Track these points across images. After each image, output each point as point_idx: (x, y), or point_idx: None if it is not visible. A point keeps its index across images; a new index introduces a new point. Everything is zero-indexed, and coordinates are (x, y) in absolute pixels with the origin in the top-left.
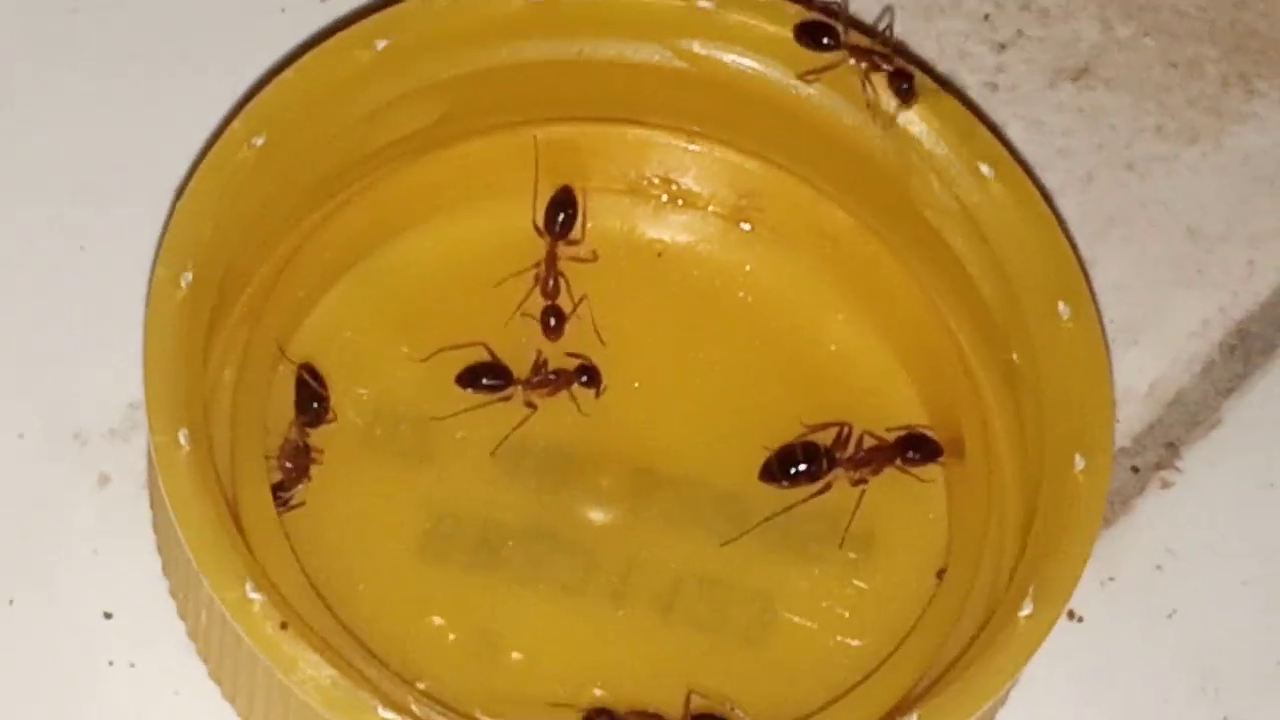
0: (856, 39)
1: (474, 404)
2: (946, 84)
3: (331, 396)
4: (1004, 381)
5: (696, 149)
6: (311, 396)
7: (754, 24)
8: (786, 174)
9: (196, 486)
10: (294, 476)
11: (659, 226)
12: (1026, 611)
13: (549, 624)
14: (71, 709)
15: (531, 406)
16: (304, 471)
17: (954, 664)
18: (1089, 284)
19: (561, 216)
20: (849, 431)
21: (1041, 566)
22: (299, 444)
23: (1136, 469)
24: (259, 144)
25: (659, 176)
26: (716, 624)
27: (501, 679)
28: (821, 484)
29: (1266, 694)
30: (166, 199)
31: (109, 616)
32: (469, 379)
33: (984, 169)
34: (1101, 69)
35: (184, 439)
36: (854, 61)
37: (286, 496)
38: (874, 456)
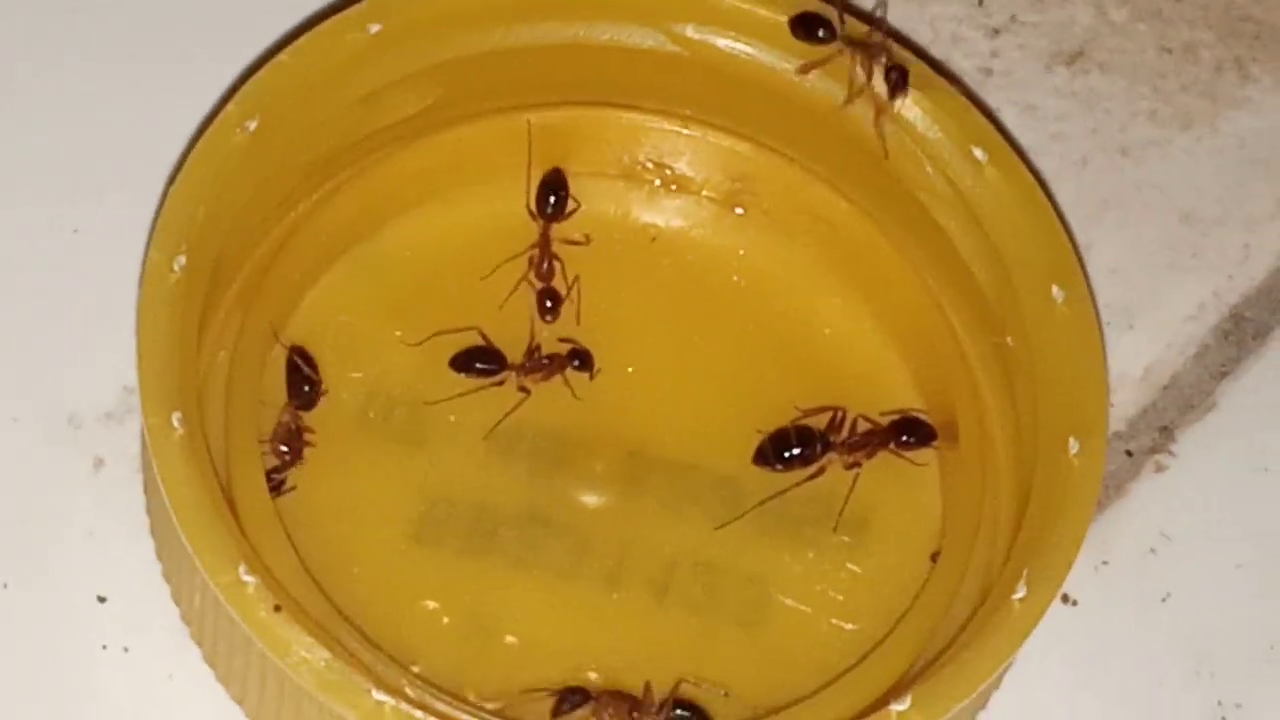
0: (853, 31)
1: (468, 388)
2: (941, 69)
3: (325, 380)
4: (998, 365)
5: (690, 133)
6: (303, 380)
7: (748, 9)
8: (780, 158)
9: (190, 470)
10: (287, 460)
11: (653, 211)
12: (1020, 595)
13: (543, 608)
14: (66, 693)
15: (525, 391)
16: (297, 455)
17: (948, 647)
18: (1084, 268)
19: (553, 198)
20: (843, 415)
21: (1035, 550)
22: (291, 427)
23: (1131, 453)
24: (252, 128)
25: (653, 161)
26: (711, 608)
27: (495, 663)
28: (815, 468)
29: (1260, 677)
30: (160, 183)
31: (103, 600)
32: (463, 363)
33: (978, 153)
34: (1096, 53)
35: (177, 422)
36: (850, 54)
37: (279, 480)
38: (868, 440)
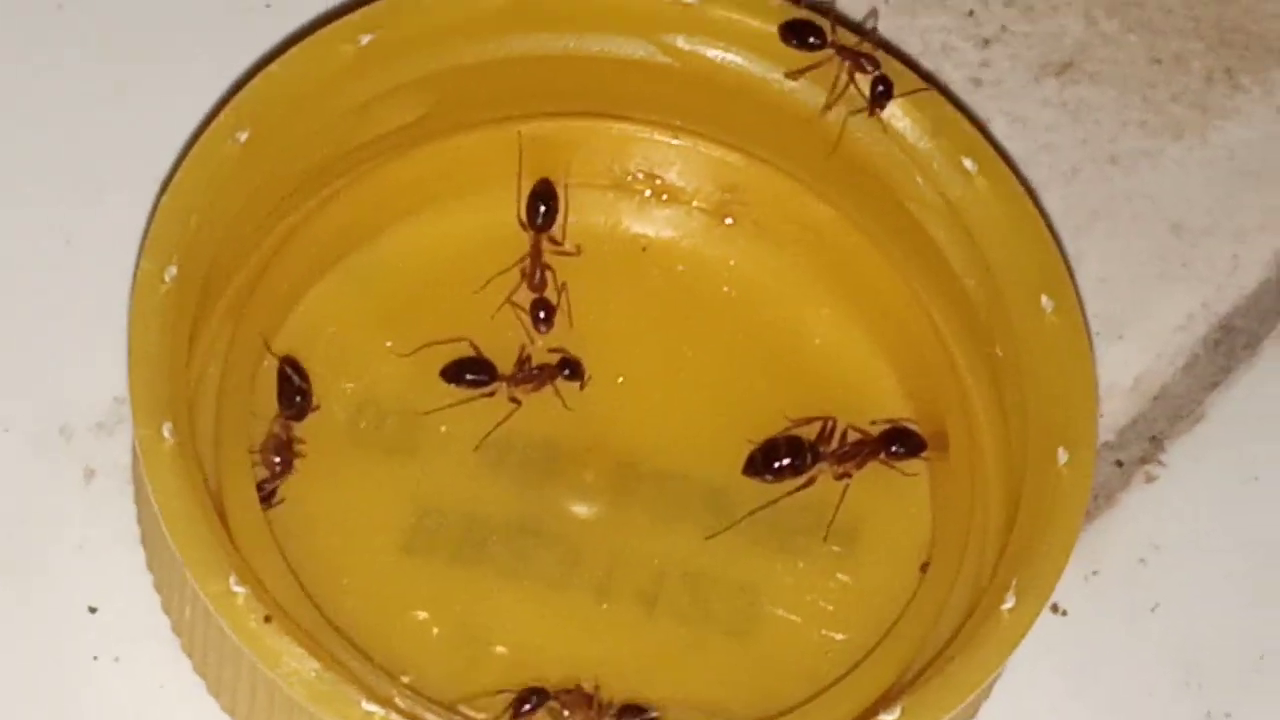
0: (843, 39)
1: (458, 399)
2: (931, 79)
3: (316, 391)
4: (987, 375)
5: (680, 144)
6: (294, 390)
7: (738, 19)
8: (770, 168)
9: (180, 480)
10: (277, 471)
11: (643, 221)
12: (1009, 605)
13: (533, 618)
14: (56, 703)
15: (516, 402)
16: (287, 466)
17: (937, 657)
18: (1073, 279)
19: (543, 208)
20: (833, 425)
21: (1025, 560)
22: (282, 438)
23: (1121, 463)
24: (244, 138)
25: (643, 171)
26: (701, 618)
27: (485, 673)
28: (805, 478)
29: (1250, 688)
30: (152, 193)
31: (94, 611)
32: (453, 374)
33: (968, 164)
34: (1086, 64)
35: (168, 432)
36: (840, 61)
37: (270, 490)
38: (858, 450)
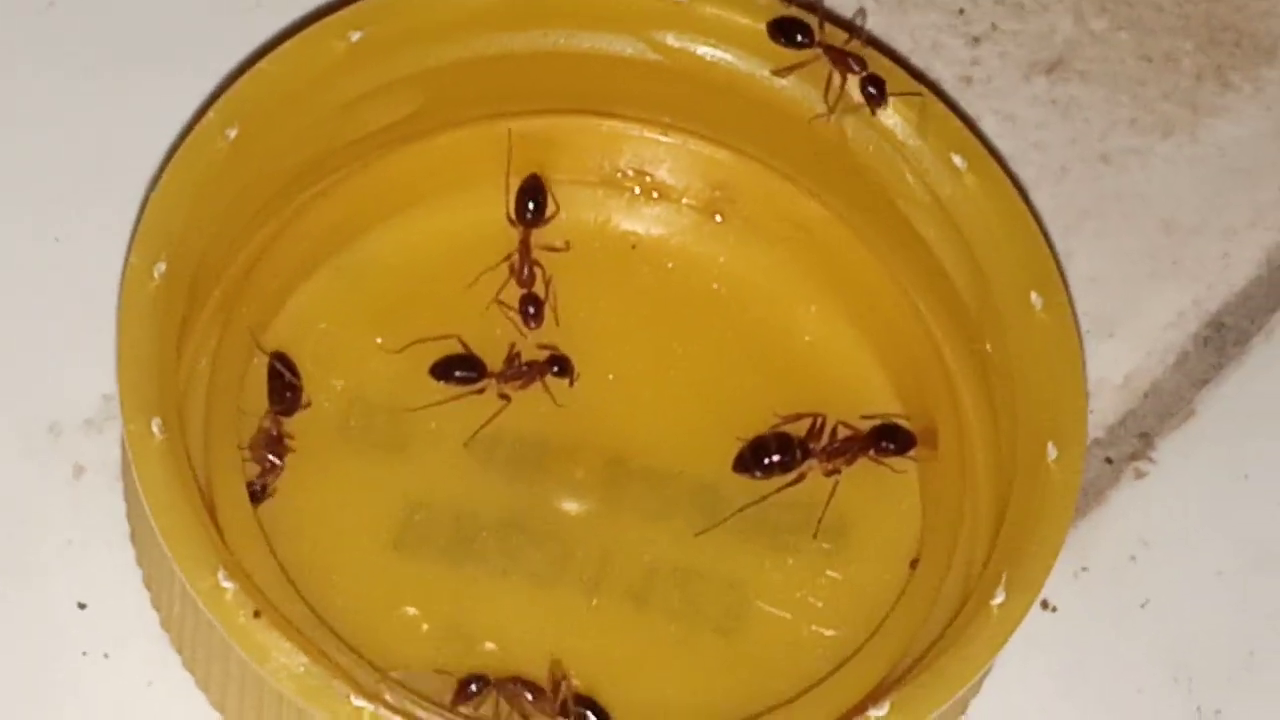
0: (831, 37)
1: (448, 396)
2: (921, 77)
3: (306, 387)
4: (977, 372)
5: (670, 141)
6: (285, 386)
7: (727, 17)
8: (760, 166)
9: (169, 475)
10: (267, 467)
11: (632, 219)
12: (999, 601)
13: (522, 615)
14: (45, 700)
15: (505, 398)
16: (277, 462)
17: (927, 653)
18: (1063, 276)
19: (531, 204)
20: (822, 422)
21: (1014, 556)
22: (272, 434)
23: (1110, 460)
24: (233, 135)
25: (633, 169)
26: (690, 614)
27: (475, 669)
28: (795, 474)
29: (1239, 684)
30: (140, 191)
31: (83, 607)
32: (442, 371)
33: (958, 161)
34: (1076, 62)
35: (157, 428)
36: (827, 60)
37: (260, 487)
38: (848, 447)
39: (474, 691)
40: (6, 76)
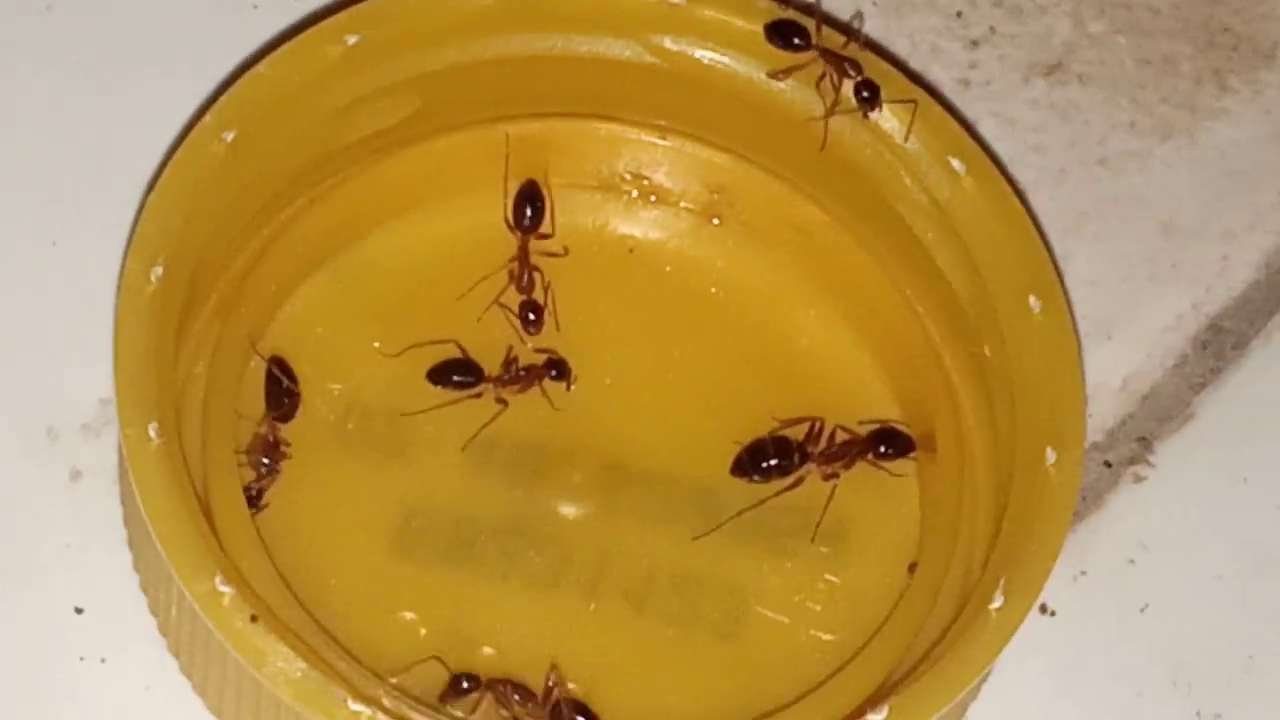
0: (828, 41)
1: (445, 400)
2: (919, 80)
3: (303, 392)
4: (976, 375)
5: (668, 144)
6: (282, 391)
7: (725, 20)
8: (758, 169)
9: (166, 479)
10: (264, 472)
11: (630, 222)
12: (997, 604)
13: (521, 619)
14: (43, 704)
15: (503, 403)
16: (274, 467)
17: (925, 657)
18: (1062, 279)
19: (529, 210)
20: (821, 426)
21: (1013, 560)
22: (269, 438)
23: (1109, 464)
24: (230, 138)
25: (630, 172)
26: (689, 618)
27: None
28: (793, 478)
29: (1239, 688)
30: (138, 194)
31: (80, 612)
32: (439, 376)
33: (956, 164)
34: (1074, 65)
35: (154, 432)
36: (824, 63)
37: (257, 491)
38: (846, 451)
39: (465, 689)
40: (5, 77)
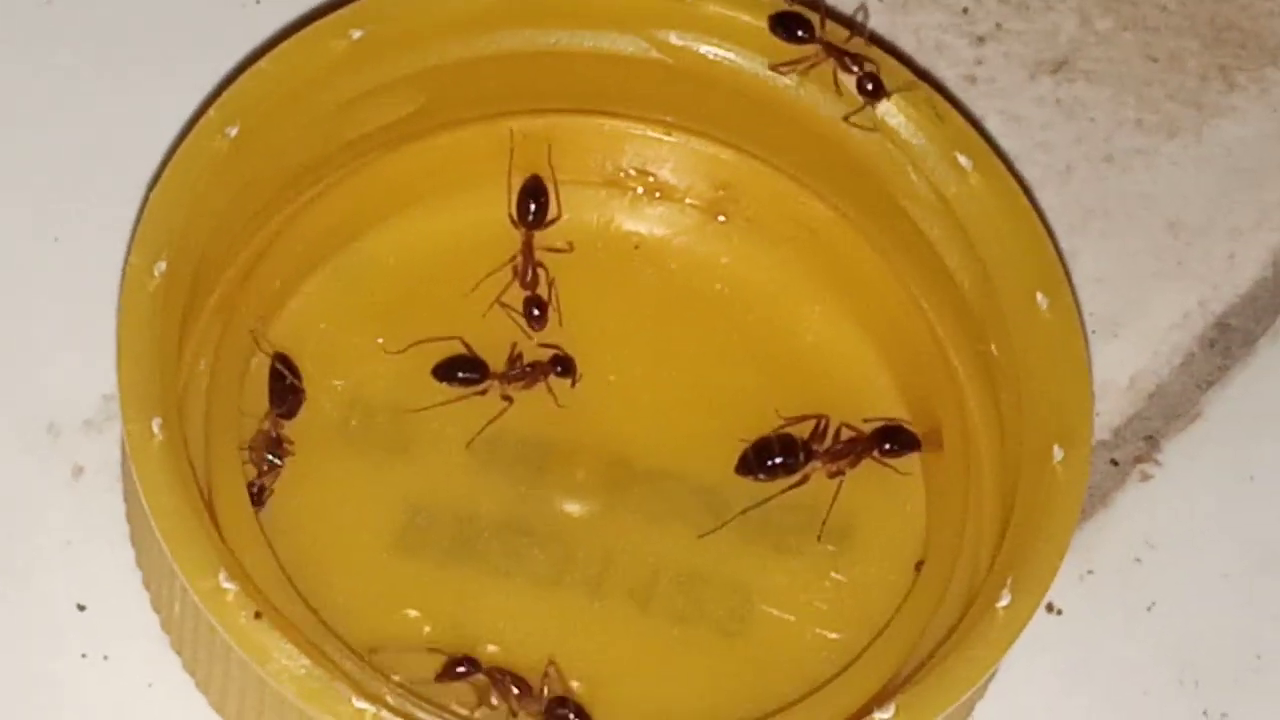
0: (832, 34)
1: (450, 397)
2: (925, 77)
3: (307, 388)
4: (982, 373)
5: (673, 141)
6: (286, 388)
7: (730, 15)
8: (763, 165)
9: (169, 476)
10: (267, 468)
11: (635, 219)
12: (1004, 603)
13: (525, 617)
14: (45, 701)
15: (507, 400)
16: (277, 463)
17: (932, 656)
18: (1068, 276)
19: (533, 205)
20: (826, 423)
21: (1020, 558)
22: (272, 435)
23: (1116, 462)
24: (233, 134)
25: (635, 169)
26: (694, 617)
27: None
28: (799, 476)
29: (1246, 686)
30: (141, 190)
31: (82, 609)
32: (444, 372)
33: (963, 161)
34: (1081, 62)
35: (157, 428)
36: (828, 57)
37: (260, 488)
38: (851, 448)
39: (461, 673)
40: (6, 74)
